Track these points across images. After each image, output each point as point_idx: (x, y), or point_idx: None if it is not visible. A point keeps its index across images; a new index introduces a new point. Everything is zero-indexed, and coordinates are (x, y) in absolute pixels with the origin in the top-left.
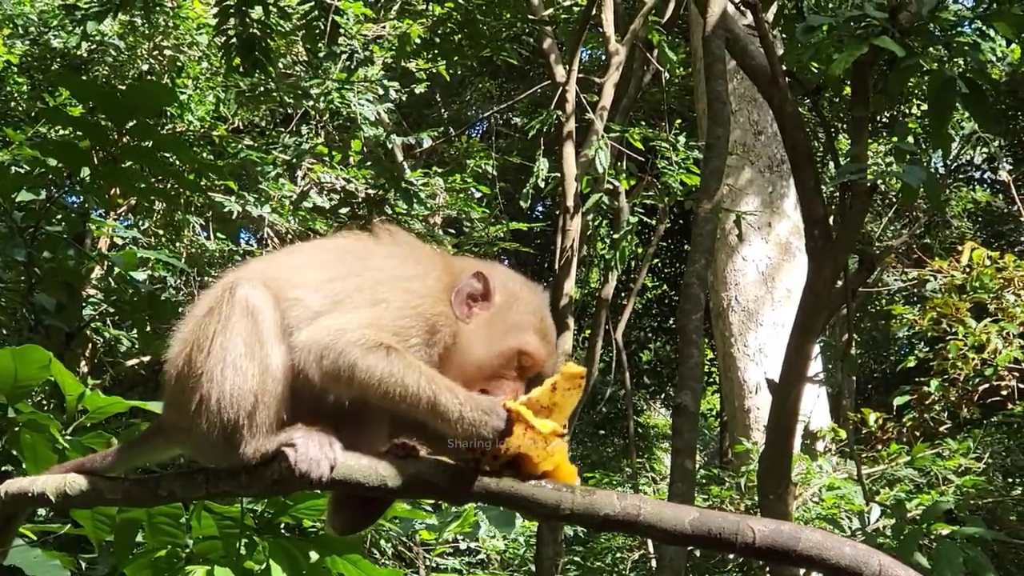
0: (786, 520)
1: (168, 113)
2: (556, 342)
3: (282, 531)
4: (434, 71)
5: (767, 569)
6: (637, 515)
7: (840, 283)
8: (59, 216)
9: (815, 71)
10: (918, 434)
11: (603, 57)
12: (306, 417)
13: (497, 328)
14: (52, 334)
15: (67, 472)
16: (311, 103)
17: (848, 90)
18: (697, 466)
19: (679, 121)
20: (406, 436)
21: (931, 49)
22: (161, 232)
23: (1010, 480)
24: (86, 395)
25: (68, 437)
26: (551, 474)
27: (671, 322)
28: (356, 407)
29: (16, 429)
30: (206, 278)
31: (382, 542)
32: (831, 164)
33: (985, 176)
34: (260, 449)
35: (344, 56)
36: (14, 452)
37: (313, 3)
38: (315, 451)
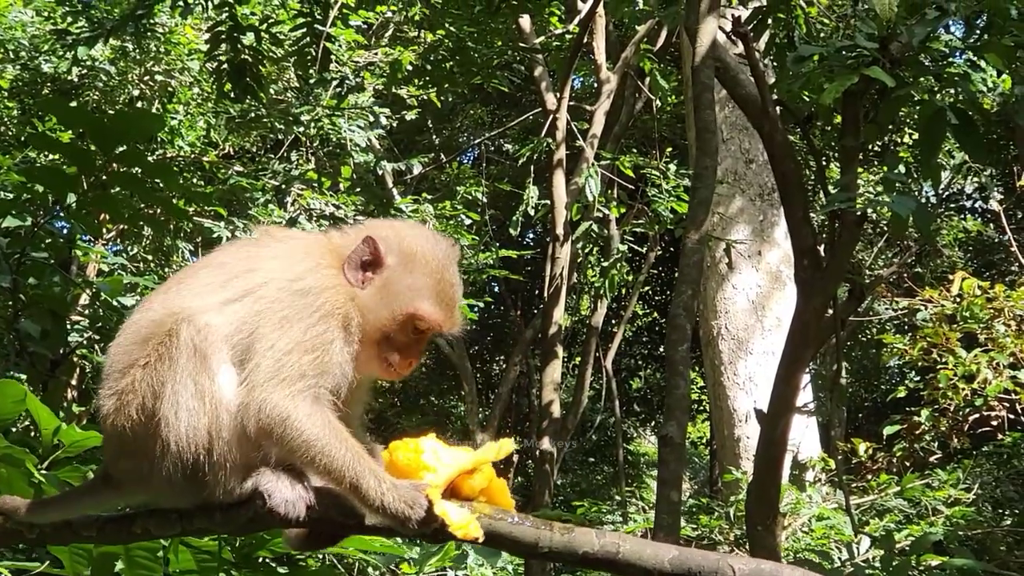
0: (774, 551)
1: (159, 138)
2: (458, 299)
3: (261, 563)
4: (425, 98)
5: None
6: (616, 553)
7: (830, 312)
8: (46, 242)
9: (805, 100)
10: (908, 464)
11: (594, 85)
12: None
13: (391, 292)
14: (37, 361)
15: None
16: (302, 129)
17: (838, 119)
18: (686, 495)
19: (670, 149)
20: None
21: (922, 79)
22: (150, 258)
23: (1000, 511)
24: (62, 429)
25: (44, 472)
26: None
27: (661, 350)
28: None
29: None
30: None
31: (369, 569)
32: (821, 193)
33: (976, 205)
34: (230, 491)
35: (335, 82)
36: None
37: (305, 30)
38: (289, 492)
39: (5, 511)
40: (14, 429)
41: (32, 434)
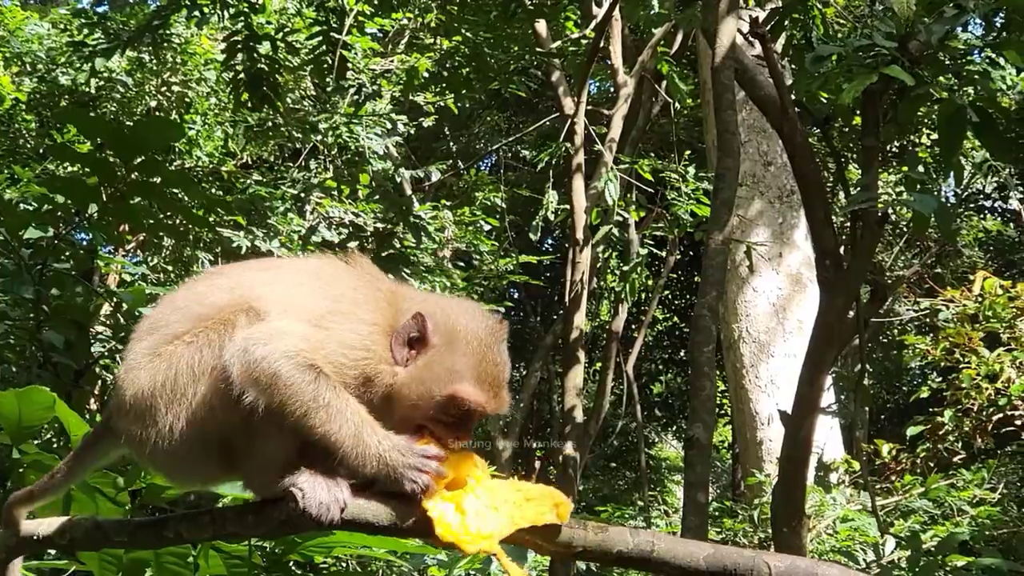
0: (801, 553)
1: (177, 149)
2: (503, 379)
3: (291, 569)
4: (442, 104)
5: None
6: (651, 551)
7: (852, 313)
8: (67, 253)
9: (824, 101)
10: (932, 465)
11: (611, 89)
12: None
13: (433, 373)
14: (61, 372)
15: (16, 504)
16: (319, 137)
17: (858, 120)
18: (710, 499)
19: (688, 152)
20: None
21: (941, 78)
22: (170, 268)
23: None
24: None
25: None
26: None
27: (682, 354)
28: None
29: (21, 470)
30: None
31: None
32: (841, 194)
33: (996, 205)
34: (263, 486)
35: (352, 90)
36: None
37: (321, 38)
38: (323, 494)
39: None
40: (36, 441)
41: (55, 445)
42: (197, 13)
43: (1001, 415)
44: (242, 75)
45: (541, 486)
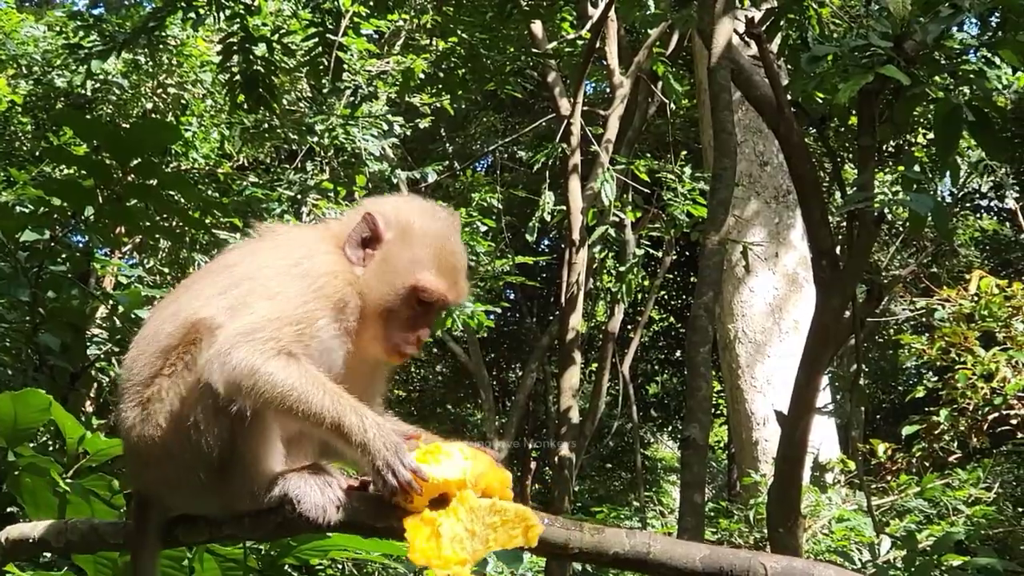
0: (796, 553)
1: (173, 151)
2: (461, 268)
3: (287, 572)
4: (438, 105)
5: None
6: (647, 553)
7: (848, 313)
8: (63, 255)
9: (820, 101)
10: (927, 464)
11: (607, 90)
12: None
13: (391, 266)
14: (57, 374)
15: None
16: (315, 139)
17: (854, 119)
18: (706, 499)
19: (684, 152)
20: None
21: (937, 77)
22: (166, 270)
23: (1021, 510)
24: (87, 438)
25: (69, 480)
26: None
27: (678, 355)
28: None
29: (17, 473)
30: None
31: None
32: (837, 194)
33: (992, 204)
34: (259, 496)
35: (348, 92)
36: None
37: (317, 39)
38: (318, 496)
39: None
40: (32, 444)
41: (51, 448)
42: (193, 15)
43: (997, 414)
44: (238, 77)
45: (516, 507)
